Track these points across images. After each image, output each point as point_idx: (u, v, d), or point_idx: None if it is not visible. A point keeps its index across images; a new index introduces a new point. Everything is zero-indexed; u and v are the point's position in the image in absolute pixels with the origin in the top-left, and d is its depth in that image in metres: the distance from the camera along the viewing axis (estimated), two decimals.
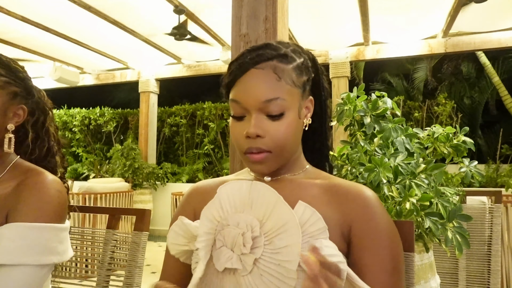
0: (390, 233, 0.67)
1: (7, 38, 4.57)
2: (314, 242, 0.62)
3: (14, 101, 0.87)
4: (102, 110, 7.24)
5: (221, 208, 0.69)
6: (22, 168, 0.88)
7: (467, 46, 4.42)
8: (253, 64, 0.69)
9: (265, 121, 0.68)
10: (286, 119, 0.69)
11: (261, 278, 0.62)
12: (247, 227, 0.65)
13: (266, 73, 0.68)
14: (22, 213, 0.78)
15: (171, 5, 3.70)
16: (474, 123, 6.94)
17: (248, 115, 0.69)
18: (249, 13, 1.61)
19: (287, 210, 0.64)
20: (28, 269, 0.75)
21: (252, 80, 0.68)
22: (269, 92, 0.67)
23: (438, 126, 1.31)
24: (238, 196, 0.69)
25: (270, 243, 0.64)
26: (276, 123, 0.68)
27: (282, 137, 0.68)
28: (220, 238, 0.66)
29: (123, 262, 1.06)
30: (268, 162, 0.69)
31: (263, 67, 0.69)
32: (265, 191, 0.67)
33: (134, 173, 5.35)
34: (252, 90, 0.68)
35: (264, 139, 0.68)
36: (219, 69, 5.36)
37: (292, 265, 0.60)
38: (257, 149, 0.68)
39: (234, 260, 0.64)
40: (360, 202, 0.68)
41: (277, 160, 0.70)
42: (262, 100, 0.67)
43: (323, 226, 0.63)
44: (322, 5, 3.67)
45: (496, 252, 1.50)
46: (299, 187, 0.73)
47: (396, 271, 0.65)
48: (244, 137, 0.69)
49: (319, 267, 0.54)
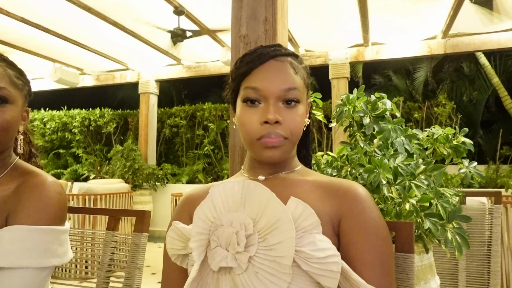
0: (378, 229, 0.67)
1: (7, 39, 4.57)
2: (308, 237, 0.63)
3: (25, 103, 0.91)
4: (102, 111, 7.23)
5: (214, 208, 0.69)
6: (22, 169, 0.88)
7: (466, 47, 4.42)
8: (272, 56, 0.73)
9: (281, 109, 0.71)
10: (299, 110, 0.73)
11: (256, 275, 0.62)
12: (240, 226, 0.65)
13: (285, 65, 0.73)
14: (22, 215, 0.78)
15: (171, 6, 3.70)
16: (474, 124, 6.93)
17: (264, 103, 0.72)
18: (249, 14, 1.61)
19: (280, 206, 0.64)
20: (28, 272, 0.75)
21: (273, 69, 0.72)
22: (290, 81, 0.72)
23: (437, 127, 1.31)
24: (231, 196, 0.70)
25: (264, 240, 0.64)
26: (291, 112, 0.72)
27: (297, 126, 0.72)
28: (214, 238, 0.67)
29: (123, 264, 1.06)
30: (282, 148, 0.71)
31: (282, 60, 0.73)
32: (258, 189, 0.68)
33: (134, 174, 5.35)
34: (274, 78, 0.71)
35: (282, 125, 0.70)
36: (219, 70, 5.36)
37: (287, 260, 0.61)
38: (275, 134, 0.70)
39: (229, 259, 0.64)
40: (350, 197, 0.69)
41: (289, 148, 0.73)
42: (284, 88, 0.71)
43: (315, 220, 0.64)
44: (322, 6, 3.67)
45: (496, 252, 1.50)
46: (291, 184, 0.74)
47: (382, 265, 0.65)
48: (258, 124, 0.71)
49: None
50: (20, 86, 0.88)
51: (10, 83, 0.84)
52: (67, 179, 6.59)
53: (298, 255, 0.61)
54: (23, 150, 0.90)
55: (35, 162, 1.00)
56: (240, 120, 0.73)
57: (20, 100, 0.88)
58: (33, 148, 1.02)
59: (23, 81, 0.90)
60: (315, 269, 0.61)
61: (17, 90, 0.86)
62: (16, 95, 0.86)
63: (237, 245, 0.64)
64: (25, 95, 0.90)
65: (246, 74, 0.73)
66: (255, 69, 0.73)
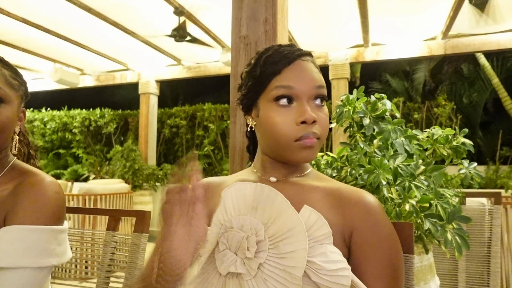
0: (391, 241, 0.66)
1: (7, 39, 4.57)
2: (320, 248, 0.62)
3: (21, 103, 0.90)
4: (102, 111, 7.24)
5: (225, 211, 0.69)
6: (19, 169, 0.88)
7: (466, 48, 4.42)
8: (298, 56, 0.73)
9: (314, 109, 0.71)
10: (326, 109, 0.73)
11: (265, 282, 0.61)
12: (251, 231, 0.64)
13: (311, 65, 0.74)
14: (20, 215, 0.78)
15: (171, 7, 3.70)
16: (474, 125, 6.94)
17: (297, 102, 0.70)
18: (249, 14, 1.61)
19: (294, 215, 0.63)
20: (26, 272, 0.75)
21: (303, 68, 0.72)
22: (320, 79, 0.73)
23: (437, 127, 1.31)
24: (242, 198, 0.69)
25: (275, 247, 0.63)
26: (322, 110, 0.72)
27: (327, 125, 0.73)
28: (223, 241, 0.66)
29: (123, 264, 1.06)
30: (316, 148, 0.71)
31: (306, 59, 0.74)
32: (272, 194, 0.67)
33: (134, 174, 5.35)
34: (307, 77, 0.71)
35: (317, 125, 0.70)
36: (219, 70, 5.36)
37: (298, 272, 0.59)
38: (314, 134, 0.69)
39: (238, 264, 0.63)
40: (362, 208, 0.67)
41: (319, 148, 0.73)
42: (316, 85, 0.71)
43: (328, 231, 0.63)
44: (322, 6, 3.67)
45: (496, 253, 1.50)
46: (303, 189, 0.72)
47: (395, 280, 0.64)
48: (294, 124, 0.69)
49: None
50: (16, 86, 0.87)
51: (5, 83, 0.84)
52: (67, 179, 6.59)
53: (309, 266, 0.60)
54: (20, 151, 0.89)
55: (33, 164, 1.00)
56: (271, 120, 0.70)
57: (16, 101, 0.87)
58: (31, 150, 1.02)
59: (19, 81, 0.89)
60: (325, 281, 0.60)
61: (12, 90, 0.86)
62: (12, 95, 0.85)
63: (247, 250, 0.63)
64: (21, 95, 0.89)
65: (275, 74, 0.71)
66: (285, 68, 0.71)
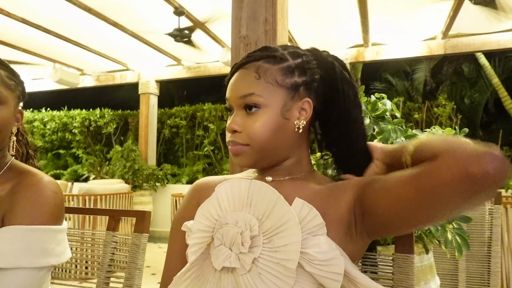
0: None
1: (7, 40, 4.57)
2: (313, 239, 0.63)
3: (17, 104, 0.89)
4: (102, 111, 7.24)
5: (219, 207, 0.70)
6: (17, 169, 0.88)
7: (466, 48, 4.42)
8: (241, 65, 0.75)
9: (244, 117, 0.72)
10: (262, 116, 0.70)
11: (259, 276, 0.63)
12: (245, 226, 0.65)
13: (248, 72, 0.73)
14: (18, 215, 0.78)
15: (171, 7, 3.70)
16: (474, 124, 6.94)
17: (234, 112, 0.74)
18: (249, 14, 1.61)
19: (287, 209, 0.64)
20: (25, 272, 0.75)
21: (236, 78, 0.74)
22: (245, 88, 0.72)
23: (437, 127, 1.31)
24: (237, 195, 0.70)
25: (269, 241, 0.64)
26: (251, 119, 0.71)
27: (256, 132, 0.70)
28: (218, 236, 0.67)
29: (123, 264, 1.06)
30: (244, 155, 0.72)
31: (248, 67, 0.73)
32: (265, 189, 0.68)
33: (134, 175, 5.35)
34: (233, 87, 0.74)
35: (241, 133, 0.72)
36: (219, 70, 5.36)
37: (292, 264, 0.61)
38: (233, 143, 0.72)
39: (233, 259, 0.64)
40: (355, 181, 0.71)
41: (256, 154, 0.72)
42: (238, 95, 0.72)
43: (320, 222, 0.64)
44: (322, 6, 3.68)
45: (496, 253, 1.50)
46: (299, 187, 0.73)
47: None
48: (228, 132, 0.74)
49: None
50: (12, 87, 0.86)
51: (1, 83, 0.83)
52: (67, 179, 6.59)
53: (302, 257, 0.62)
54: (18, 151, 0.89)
55: (32, 164, 0.99)
56: None
57: (13, 101, 0.86)
58: (30, 150, 1.01)
59: (16, 81, 0.88)
60: (318, 270, 0.61)
61: (8, 90, 0.84)
62: (8, 95, 0.84)
63: (242, 245, 0.64)
64: (18, 96, 0.88)
65: (226, 86, 0.77)
66: (230, 80, 0.76)
